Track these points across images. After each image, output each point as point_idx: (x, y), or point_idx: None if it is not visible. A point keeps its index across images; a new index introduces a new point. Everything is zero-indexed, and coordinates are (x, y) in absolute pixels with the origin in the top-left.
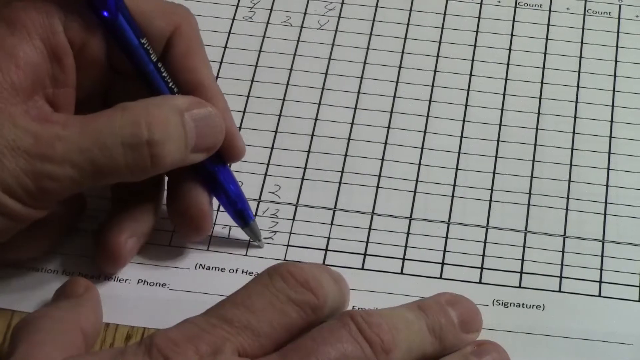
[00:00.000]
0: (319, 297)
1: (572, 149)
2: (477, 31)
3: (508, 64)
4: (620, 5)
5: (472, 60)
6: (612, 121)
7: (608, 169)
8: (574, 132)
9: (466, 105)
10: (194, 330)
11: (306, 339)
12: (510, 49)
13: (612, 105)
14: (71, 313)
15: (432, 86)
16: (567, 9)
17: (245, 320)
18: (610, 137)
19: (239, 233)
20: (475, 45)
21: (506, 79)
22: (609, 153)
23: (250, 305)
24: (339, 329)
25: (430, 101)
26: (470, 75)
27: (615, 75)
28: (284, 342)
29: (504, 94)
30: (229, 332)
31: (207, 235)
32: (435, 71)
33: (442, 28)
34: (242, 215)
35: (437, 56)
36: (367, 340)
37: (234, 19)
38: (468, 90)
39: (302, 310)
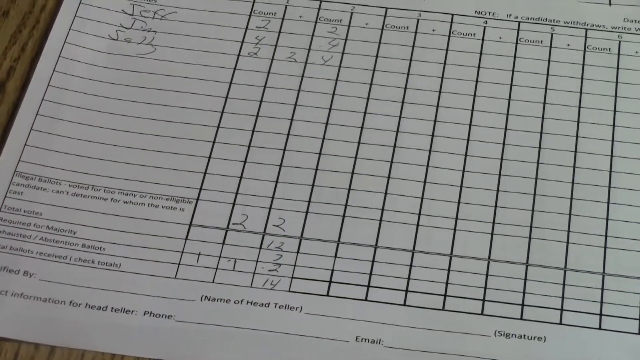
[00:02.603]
0: None
1: (573, 182)
2: (478, 67)
3: (509, 99)
4: (620, 42)
5: (474, 95)
6: (612, 155)
7: (608, 202)
8: (574, 167)
9: (468, 139)
10: None
11: None
12: (511, 85)
13: (612, 140)
14: None
15: (435, 121)
16: (568, 45)
17: None
18: (610, 171)
19: (243, 266)
20: (476, 81)
21: (507, 114)
22: (609, 187)
23: None
24: None
25: (432, 136)
26: (472, 110)
27: (615, 111)
28: None
29: (505, 129)
30: None
31: None
32: (437, 106)
33: (445, 64)
34: None
35: (440, 91)
36: None
37: (239, 55)
38: (470, 125)
39: None
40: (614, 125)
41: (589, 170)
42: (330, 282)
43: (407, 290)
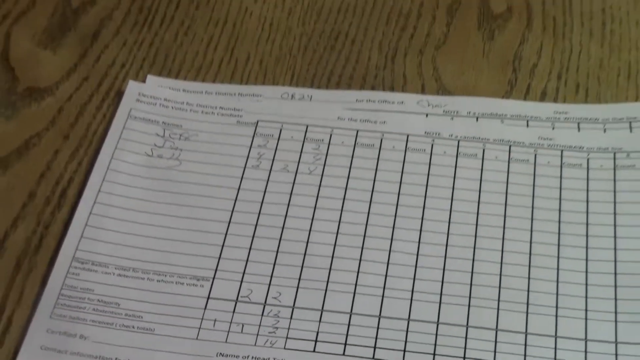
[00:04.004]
0: None
1: (501, 263)
2: (428, 174)
3: (452, 199)
4: (535, 154)
5: (425, 196)
6: (530, 242)
7: (528, 277)
8: (502, 250)
9: (420, 230)
10: None
11: None
12: (453, 187)
13: (531, 230)
14: None
15: (395, 216)
16: (496, 157)
17: None
18: (530, 253)
19: (249, 329)
20: (427, 185)
21: (450, 210)
22: (529, 265)
23: None
24: None
25: (393, 227)
26: (424, 207)
27: (532, 207)
28: None
29: (449, 222)
30: None
31: None
32: (397, 205)
33: (402, 172)
34: None
35: (399, 193)
36: None
37: (245, 167)
38: (422, 219)
39: None
40: (532, 219)
41: (513, 253)
42: (315, 341)
43: (375, 347)
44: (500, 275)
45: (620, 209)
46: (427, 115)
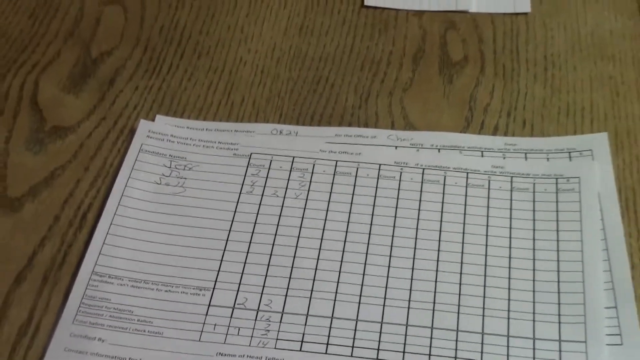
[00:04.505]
0: None
1: (461, 273)
2: (397, 198)
3: (418, 219)
4: (489, 180)
5: (395, 216)
6: (486, 255)
7: (484, 285)
8: (461, 262)
9: (391, 246)
10: None
11: None
12: (419, 209)
13: (486, 245)
14: None
15: (369, 234)
16: (455, 183)
17: None
18: (485, 264)
19: (244, 332)
20: (396, 207)
21: (417, 228)
22: (485, 275)
23: None
24: None
25: (368, 243)
26: (394, 226)
27: (487, 225)
28: None
29: (416, 238)
30: None
31: None
32: (371, 224)
33: (375, 196)
34: None
35: (372, 214)
36: None
37: (240, 193)
38: (392, 236)
39: None
40: (486, 235)
41: (471, 265)
42: (302, 341)
43: (353, 346)
44: (460, 283)
45: (562, 226)
46: (396, 147)
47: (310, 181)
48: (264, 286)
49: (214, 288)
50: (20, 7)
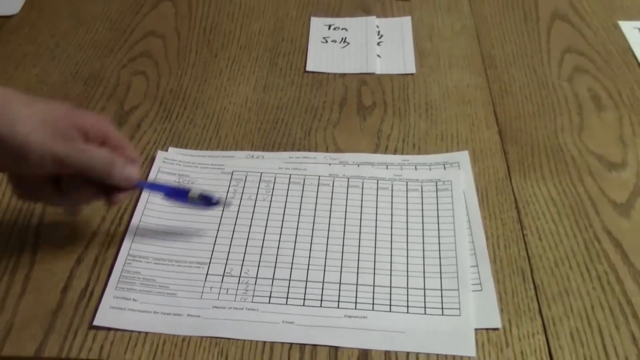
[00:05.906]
0: None
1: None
2: (331, 199)
3: (345, 213)
4: (392, 184)
5: (330, 211)
6: (391, 241)
7: (390, 257)
8: (374, 250)
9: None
10: None
11: None
12: (346, 207)
13: (391, 235)
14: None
15: (313, 229)
16: (370, 187)
17: None
18: (391, 248)
19: (231, 292)
20: (331, 205)
21: (345, 224)
22: (391, 255)
23: None
24: None
25: (312, 233)
26: (329, 222)
27: (391, 218)
28: None
29: (344, 232)
30: None
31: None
32: (313, 222)
33: (316, 198)
34: (178, 193)
35: (314, 215)
36: None
37: (226, 198)
38: (328, 230)
39: None
40: (391, 221)
41: (381, 241)
42: (270, 296)
43: (304, 298)
44: (375, 254)
45: (441, 213)
46: (330, 164)
47: (273, 189)
48: (243, 260)
49: (209, 263)
50: (77, 77)
